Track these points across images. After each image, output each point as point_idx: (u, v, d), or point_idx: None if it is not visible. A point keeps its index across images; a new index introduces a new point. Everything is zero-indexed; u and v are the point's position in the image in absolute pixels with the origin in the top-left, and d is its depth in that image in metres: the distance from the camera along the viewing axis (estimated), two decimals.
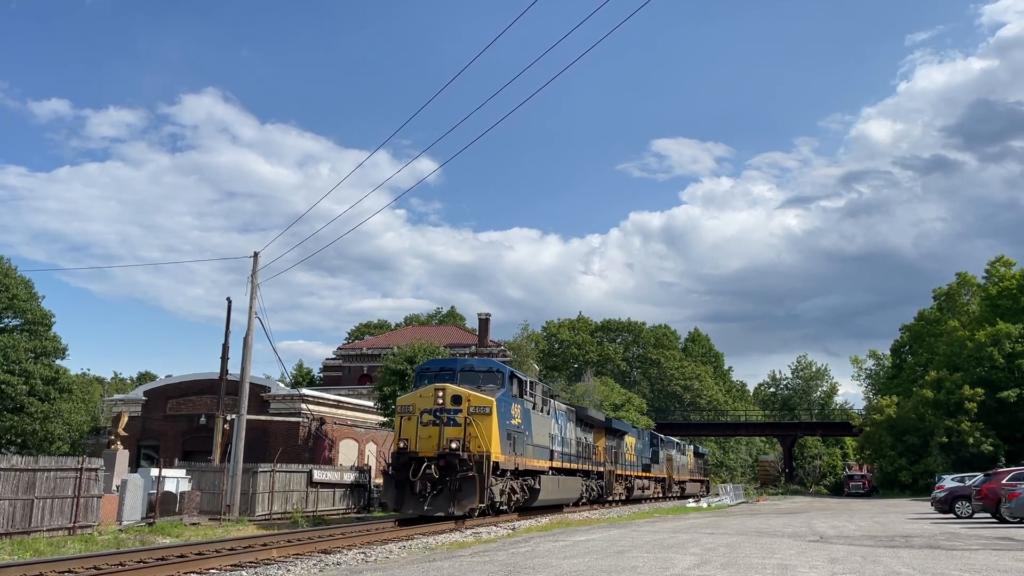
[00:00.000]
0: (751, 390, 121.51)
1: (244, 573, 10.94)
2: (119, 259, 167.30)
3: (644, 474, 44.03)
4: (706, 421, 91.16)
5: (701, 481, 63.64)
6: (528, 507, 24.71)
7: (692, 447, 63.17)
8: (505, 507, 22.49)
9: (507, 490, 22.22)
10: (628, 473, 40.03)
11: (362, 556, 12.97)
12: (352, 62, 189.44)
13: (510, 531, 19.04)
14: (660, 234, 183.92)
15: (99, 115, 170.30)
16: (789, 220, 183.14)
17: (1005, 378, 55.49)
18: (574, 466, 29.61)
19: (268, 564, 12.00)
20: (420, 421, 20.50)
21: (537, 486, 24.33)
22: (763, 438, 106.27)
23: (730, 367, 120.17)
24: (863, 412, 75.04)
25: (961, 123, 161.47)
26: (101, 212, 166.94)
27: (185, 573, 11.07)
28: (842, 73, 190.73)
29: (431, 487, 19.63)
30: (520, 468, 22.83)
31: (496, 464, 20.60)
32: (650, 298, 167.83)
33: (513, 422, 22.32)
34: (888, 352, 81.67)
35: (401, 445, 20.48)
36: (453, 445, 19.83)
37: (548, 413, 26.70)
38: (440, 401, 20.53)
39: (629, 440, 41.39)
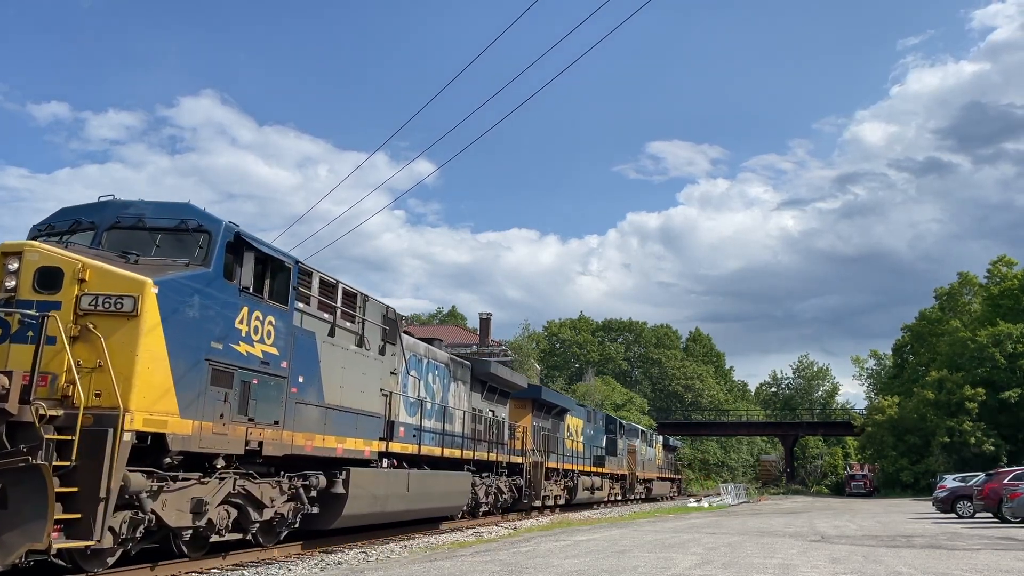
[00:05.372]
0: (752, 390, 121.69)
1: (245, 572, 10.93)
2: None
3: (595, 469, 34.67)
4: (708, 421, 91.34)
5: (672, 480, 55.32)
6: (322, 529, 13.44)
7: (661, 438, 53.83)
8: (230, 534, 11.13)
9: (226, 500, 10.66)
10: (570, 467, 30.41)
11: (363, 556, 12.97)
12: (350, 64, 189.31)
13: (511, 531, 19.07)
14: (657, 235, 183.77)
15: (98, 117, 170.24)
16: (786, 221, 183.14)
17: (1007, 378, 55.53)
18: (456, 453, 18.93)
19: (269, 563, 11.99)
20: None
21: (340, 489, 13.12)
22: (764, 438, 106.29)
23: (731, 367, 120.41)
24: (864, 412, 75.16)
25: (954, 125, 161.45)
26: None
27: (186, 572, 11.06)
28: (835, 76, 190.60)
29: None
30: (268, 450, 11.01)
31: (160, 438, 9.03)
32: (648, 298, 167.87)
33: (243, 349, 10.44)
34: (889, 352, 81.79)
35: None
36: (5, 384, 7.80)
37: (389, 355, 15.24)
38: (9, 283, 8.70)
39: (573, 422, 31.57)
